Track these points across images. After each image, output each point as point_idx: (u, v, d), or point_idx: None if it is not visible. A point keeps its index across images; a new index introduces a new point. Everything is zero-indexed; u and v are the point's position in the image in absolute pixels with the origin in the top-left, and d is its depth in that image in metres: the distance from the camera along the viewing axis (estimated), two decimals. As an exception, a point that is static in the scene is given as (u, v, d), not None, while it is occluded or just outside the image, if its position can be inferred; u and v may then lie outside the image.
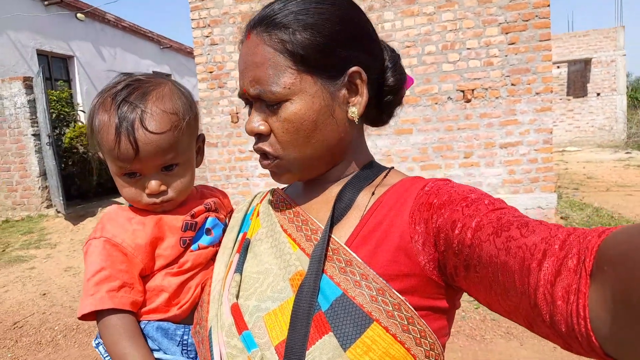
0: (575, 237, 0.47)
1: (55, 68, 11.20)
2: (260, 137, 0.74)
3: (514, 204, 0.61)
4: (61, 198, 7.55)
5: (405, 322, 0.61)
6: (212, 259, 0.91)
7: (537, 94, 5.25)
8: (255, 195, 0.96)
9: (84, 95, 11.43)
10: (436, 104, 5.57)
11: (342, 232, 0.71)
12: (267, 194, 0.91)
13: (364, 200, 0.74)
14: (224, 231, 0.95)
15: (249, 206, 0.93)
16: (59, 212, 7.87)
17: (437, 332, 0.65)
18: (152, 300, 0.86)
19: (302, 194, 0.83)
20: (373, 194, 0.74)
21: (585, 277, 0.44)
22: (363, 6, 5.59)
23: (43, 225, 7.40)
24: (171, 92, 0.88)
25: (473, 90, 5.43)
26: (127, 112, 0.80)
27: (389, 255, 0.65)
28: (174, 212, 0.91)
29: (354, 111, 0.73)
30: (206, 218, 0.93)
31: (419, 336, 0.62)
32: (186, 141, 0.88)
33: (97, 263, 0.83)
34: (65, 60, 11.50)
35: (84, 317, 0.82)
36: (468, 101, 5.46)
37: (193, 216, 0.91)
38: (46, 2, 10.46)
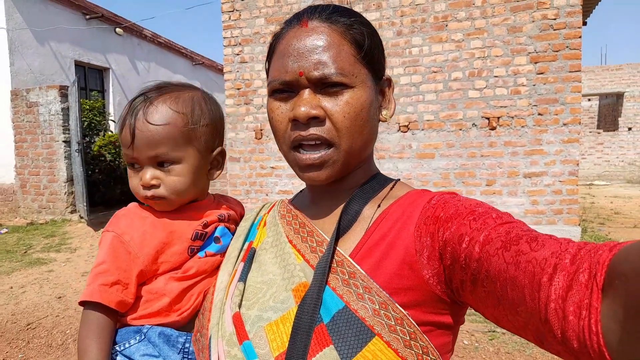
0: (586, 252, 0.47)
1: (91, 79, 11.58)
2: (310, 122, 0.70)
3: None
4: (85, 204, 7.72)
5: (408, 338, 0.60)
6: (218, 267, 0.90)
7: (564, 124, 5.15)
8: (263, 205, 0.95)
9: (116, 106, 11.77)
10: (460, 130, 5.52)
11: (347, 245, 0.70)
12: (274, 204, 0.91)
13: (369, 212, 0.74)
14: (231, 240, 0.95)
15: (256, 216, 0.92)
16: (82, 217, 8.04)
17: (440, 348, 0.63)
18: (152, 304, 0.86)
19: (309, 206, 0.83)
20: (379, 206, 0.73)
21: (597, 292, 0.43)
22: (392, 30, 5.64)
23: (65, 230, 7.56)
24: (191, 98, 0.91)
25: (499, 118, 5.36)
26: (138, 103, 0.87)
27: (393, 268, 0.64)
28: (187, 218, 0.91)
29: (386, 113, 0.78)
30: (216, 227, 0.93)
31: (421, 352, 0.60)
32: (184, 142, 0.88)
33: (102, 256, 0.85)
34: (101, 72, 11.89)
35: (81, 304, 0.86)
36: (493, 129, 5.39)
37: (205, 226, 0.91)
38: (87, 16, 10.88)
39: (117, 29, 11.84)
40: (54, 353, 3.38)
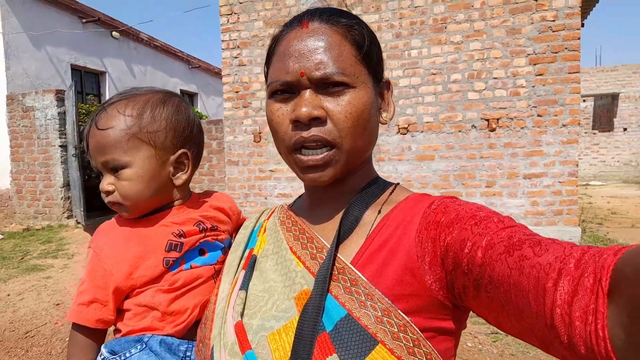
0: (591, 256, 0.46)
1: (87, 82, 11.54)
2: (312, 123, 0.68)
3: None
4: (82, 209, 7.67)
5: (411, 345, 0.59)
6: (213, 277, 0.90)
7: (563, 125, 5.16)
8: (263, 212, 0.94)
9: (112, 110, 11.71)
10: (460, 131, 5.52)
11: (348, 251, 0.69)
12: (274, 210, 0.90)
13: (370, 218, 0.73)
14: (223, 250, 0.93)
15: (256, 222, 0.91)
16: (78, 222, 7.99)
17: (443, 354, 0.63)
18: (143, 317, 0.85)
19: (308, 211, 0.82)
20: (379, 212, 0.73)
21: (603, 297, 0.43)
22: (391, 33, 5.64)
23: (62, 235, 7.50)
24: (146, 101, 0.88)
25: (498, 119, 5.37)
26: (96, 110, 0.87)
27: (395, 275, 0.63)
28: (162, 226, 0.89)
29: (386, 116, 0.78)
30: (199, 240, 0.91)
31: (425, 359, 0.60)
32: (132, 145, 0.85)
33: (84, 274, 0.86)
34: (97, 76, 11.85)
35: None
36: (492, 130, 5.39)
37: (181, 236, 0.88)
38: (84, 20, 10.85)
39: (114, 33, 11.81)
40: (53, 361, 3.34)
